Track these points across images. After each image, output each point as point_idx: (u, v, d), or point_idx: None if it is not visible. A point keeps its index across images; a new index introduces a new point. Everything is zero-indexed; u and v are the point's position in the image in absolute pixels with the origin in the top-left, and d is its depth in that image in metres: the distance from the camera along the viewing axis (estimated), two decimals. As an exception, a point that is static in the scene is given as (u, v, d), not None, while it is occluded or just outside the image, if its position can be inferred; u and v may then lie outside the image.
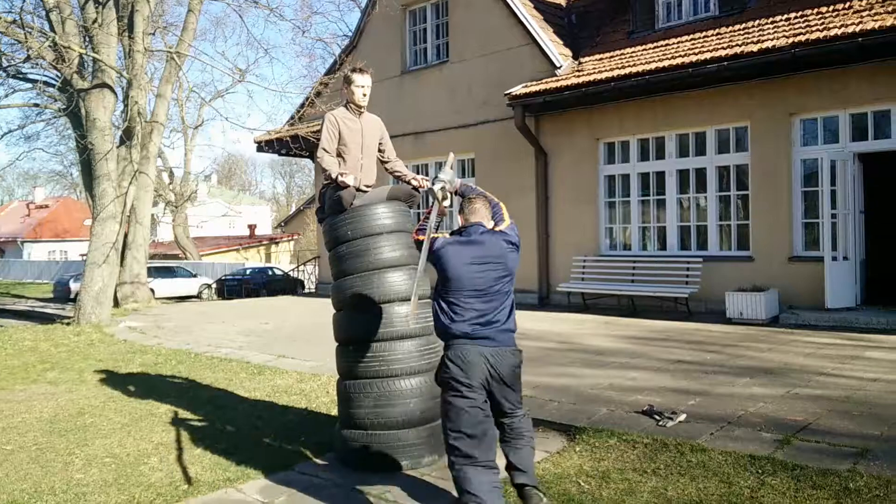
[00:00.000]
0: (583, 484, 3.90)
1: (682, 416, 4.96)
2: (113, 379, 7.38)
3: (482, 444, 3.32)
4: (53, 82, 15.67)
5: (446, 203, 3.81)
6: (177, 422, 5.55)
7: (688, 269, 10.98)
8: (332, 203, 4.52)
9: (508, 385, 3.44)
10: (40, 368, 8.19)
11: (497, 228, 3.57)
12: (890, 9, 9.28)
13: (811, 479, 3.78)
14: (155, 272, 23.98)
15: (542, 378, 6.37)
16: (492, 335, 3.39)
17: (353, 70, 4.71)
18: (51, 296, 25.90)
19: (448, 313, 3.42)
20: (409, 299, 4.38)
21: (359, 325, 4.39)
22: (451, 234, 3.63)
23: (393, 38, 15.78)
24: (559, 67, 12.63)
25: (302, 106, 16.05)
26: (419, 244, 3.62)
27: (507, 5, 13.47)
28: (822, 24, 9.77)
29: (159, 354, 8.86)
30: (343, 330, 4.50)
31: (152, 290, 19.81)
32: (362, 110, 4.73)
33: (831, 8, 10.21)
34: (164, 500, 3.97)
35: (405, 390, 4.30)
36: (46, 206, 56.38)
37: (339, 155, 4.64)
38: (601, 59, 12.61)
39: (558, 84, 12.04)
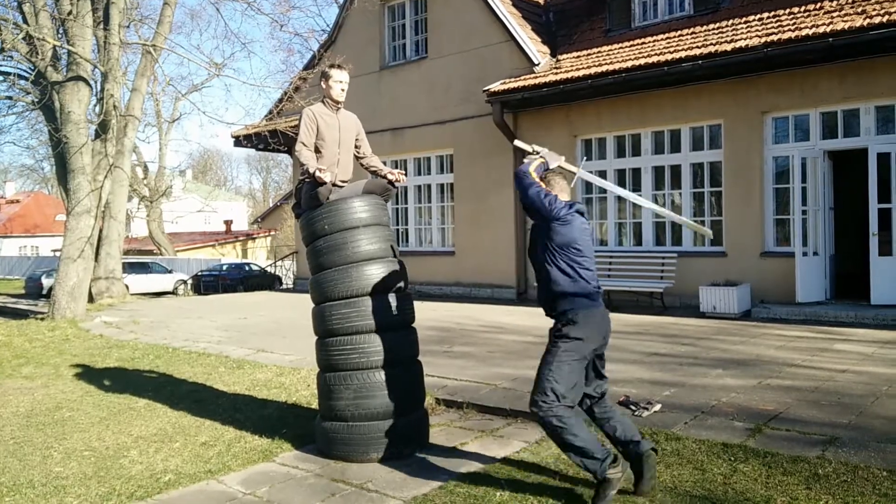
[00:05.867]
0: (561, 471, 3.98)
1: (658, 406, 5.07)
2: (90, 373, 7.32)
3: (578, 398, 3.57)
4: (26, 75, 15.41)
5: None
6: (156, 415, 5.54)
7: (663, 264, 11.15)
8: (308, 198, 4.56)
9: (606, 346, 3.71)
10: (15, 363, 8.09)
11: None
12: (859, 10, 9.49)
13: (782, 466, 3.89)
14: (129, 268, 23.69)
15: (521, 371, 6.46)
16: (601, 300, 3.67)
17: (332, 66, 4.76)
18: (22, 292, 25.50)
19: (573, 276, 3.58)
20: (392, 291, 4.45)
21: (338, 318, 4.42)
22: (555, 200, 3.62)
23: (371, 33, 15.76)
24: (537, 64, 12.72)
25: (280, 101, 15.98)
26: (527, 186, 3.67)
27: (486, 2, 13.53)
28: (794, 24, 9.97)
29: (136, 349, 8.80)
30: (322, 323, 4.53)
31: (127, 286, 19.60)
32: (340, 106, 4.77)
33: (803, 9, 10.41)
34: (145, 491, 3.97)
35: (385, 381, 4.34)
36: (17, 201, 55.37)
37: (316, 150, 4.68)
38: (578, 56, 12.72)
39: (536, 81, 12.13)
